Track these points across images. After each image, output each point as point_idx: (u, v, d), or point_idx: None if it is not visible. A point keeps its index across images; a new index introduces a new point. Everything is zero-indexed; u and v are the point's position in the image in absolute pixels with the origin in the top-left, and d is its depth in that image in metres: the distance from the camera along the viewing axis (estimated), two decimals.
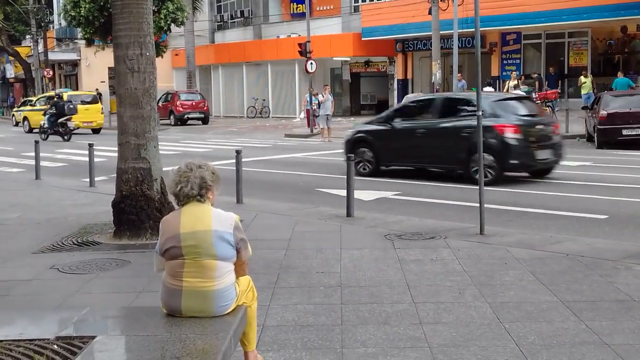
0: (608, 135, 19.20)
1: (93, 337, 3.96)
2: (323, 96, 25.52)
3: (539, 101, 23.65)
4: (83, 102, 31.23)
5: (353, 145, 14.92)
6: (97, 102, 32.19)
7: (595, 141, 19.62)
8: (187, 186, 4.23)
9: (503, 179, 12.94)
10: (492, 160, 12.59)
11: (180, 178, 4.25)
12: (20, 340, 3.99)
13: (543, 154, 13.36)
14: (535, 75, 29.15)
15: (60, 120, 26.74)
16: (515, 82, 26.83)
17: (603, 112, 19.13)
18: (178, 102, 37.47)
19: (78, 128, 28.49)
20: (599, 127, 19.28)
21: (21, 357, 3.76)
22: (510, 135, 12.91)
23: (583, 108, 22.29)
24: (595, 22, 27.18)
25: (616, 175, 13.80)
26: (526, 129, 13.21)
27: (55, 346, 3.87)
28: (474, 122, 9.95)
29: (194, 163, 4.32)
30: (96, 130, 31.04)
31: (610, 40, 29.62)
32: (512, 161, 12.98)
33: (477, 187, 8.57)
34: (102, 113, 31.93)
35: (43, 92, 46.74)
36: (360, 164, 14.49)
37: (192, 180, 4.23)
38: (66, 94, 31.47)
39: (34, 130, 30.24)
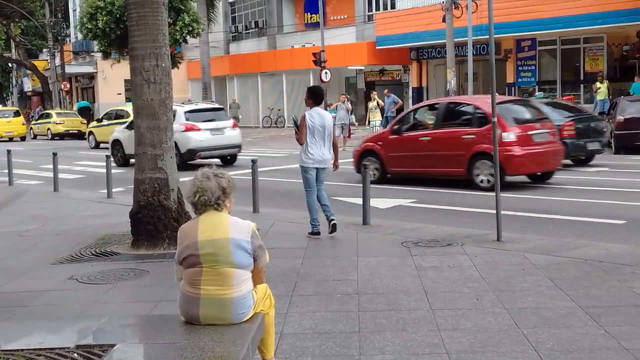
0: (625, 141, 19.10)
1: (113, 345, 3.99)
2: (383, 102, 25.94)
3: None
4: (5, 116, 38.97)
5: None
6: (19, 116, 39.37)
7: (613, 147, 19.48)
8: (204, 195, 4.26)
9: (517, 185, 12.87)
10: None
11: (198, 187, 4.29)
12: (41, 349, 4.03)
13: None
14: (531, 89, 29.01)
15: None
16: (376, 102, 26.23)
17: (620, 118, 19.03)
18: None
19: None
20: (616, 132, 19.15)
21: None
22: None
23: (599, 114, 22.14)
24: (611, 28, 27.00)
25: (634, 181, 13.71)
26: None
27: (75, 354, 3.91)
28: None
29: (210, 172, 4.35)
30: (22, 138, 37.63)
31: (626, 45, 29.45)
32: None
33: (494, 194, 8.55)
34: (23, 124, 38.69)
35: (60, 105, 47.19)
36: None
37: (209, 188, 4.26)
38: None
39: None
